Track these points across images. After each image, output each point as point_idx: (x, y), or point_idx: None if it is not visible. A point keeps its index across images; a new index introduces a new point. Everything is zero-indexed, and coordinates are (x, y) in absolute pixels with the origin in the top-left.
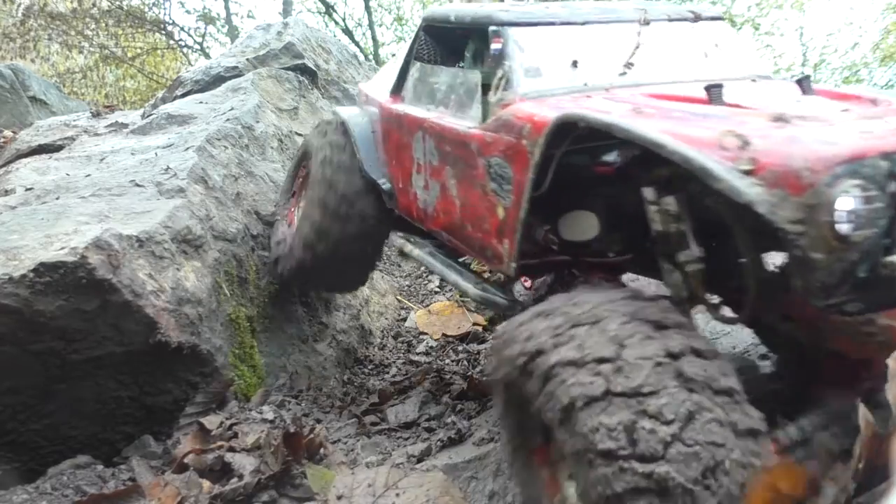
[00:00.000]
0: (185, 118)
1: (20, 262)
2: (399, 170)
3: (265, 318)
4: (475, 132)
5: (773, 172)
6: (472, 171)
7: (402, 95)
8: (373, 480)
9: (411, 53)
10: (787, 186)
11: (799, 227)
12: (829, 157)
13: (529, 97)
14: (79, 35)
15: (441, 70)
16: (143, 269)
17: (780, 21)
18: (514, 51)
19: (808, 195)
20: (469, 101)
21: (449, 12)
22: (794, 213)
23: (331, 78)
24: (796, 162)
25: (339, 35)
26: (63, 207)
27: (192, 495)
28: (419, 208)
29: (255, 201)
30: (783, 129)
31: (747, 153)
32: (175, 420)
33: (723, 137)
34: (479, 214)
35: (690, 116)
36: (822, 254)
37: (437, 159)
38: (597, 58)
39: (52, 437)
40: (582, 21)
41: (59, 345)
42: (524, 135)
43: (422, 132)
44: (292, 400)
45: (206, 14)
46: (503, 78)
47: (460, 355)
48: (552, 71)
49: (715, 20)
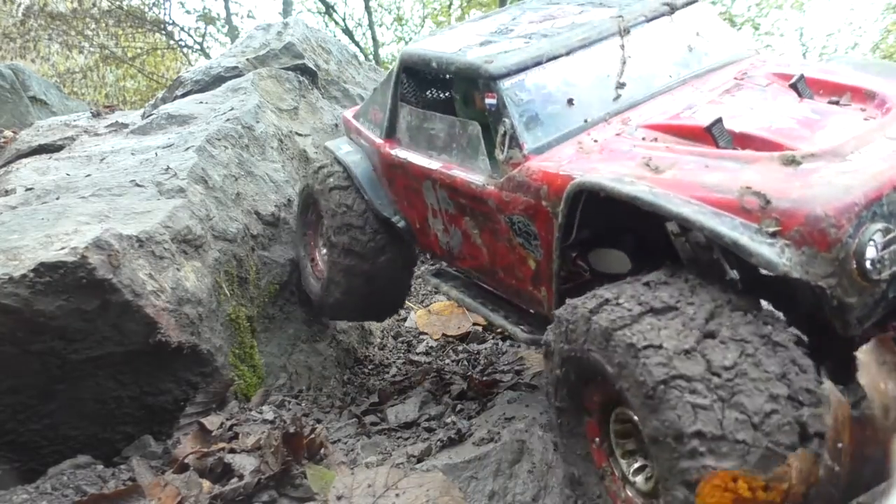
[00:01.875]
0: (185, 118)
1: (20, 261)
2: (412, 211)
3: (265, 318)
4: (491, 190)
5: (799, 231)
6: (495, 226)
7: (397, 138)
8: (373, 480)
9: (396, 96)
10: (815, 244)
11: (832, 281)
12: (849, 207)
13: (536, 152)
14: (79, 35)
15: (436, 117)
16: (143, 269)
17: (780, 21)
18: (510, 105)
19: (836, 250)
20: (474, 153)
21: (429, 57)
22: (825, 268)
23: (331, 78)
24: (819, 217)
25: (339, 35)
26: (63, 207)
27: (192, 495)
28: (442, 248)
29: (255, 201)
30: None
31: (770, 213)
32: (175, 420)
33: (742, 196)
34: (509, 263)
35: (704, 169)
36: (856, 297)
37: (453, 208)
38: (589, 86)
39: (52, 437)
40: (566, 51)
41: (59, 345)
42: (543, 196)
43: (431, 182)
44: (292, 400)
45: (206, 14)
46: (506, 134)
47: (460, 355)
48: (551, 116)
49: (690, 4)
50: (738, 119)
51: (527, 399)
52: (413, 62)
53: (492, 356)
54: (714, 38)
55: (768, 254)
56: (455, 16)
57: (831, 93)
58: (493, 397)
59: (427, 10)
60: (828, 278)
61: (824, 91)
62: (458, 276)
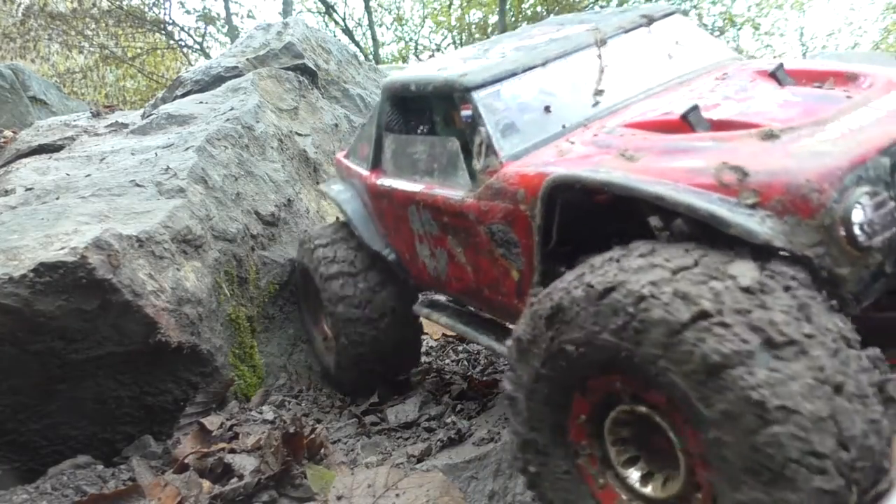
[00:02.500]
0: (185, 118)
1: (20, 262)
2: (401, 241)
3: (265, 318)
4: (469, 202)
5: (780, 201)
6: (476, 239)
7: (382, 168)
8: (373, 480)
9: (381, 126)
10: (798, 212)
11: (819, 250)
12: (832, 171)
13: (513, 158)
14: (79, 35)
15: (417, 140)
16: (143, 269)
17: (780, 21)
18: (486, 115)
19: (820, 216)
20: (454, 170)
21: (408, 81)
22: (811, 237)
23: (331, 78)
24: (801, 184)
25: (339, 35)
26: (63, 207)
27: (192, 495)
28: (430, 276)
29: (255, 201)
30: (777, 149)
31: (748, 185)
32: (175, 420)
33: (719, 172)
34: (493, 278)
35: (680, 152)
36: (848, 268)
37: (436, 230)
38: (567, 94)
39: (52, 437)
40: (542, 62)
41: (59, 345)
42: (520, 200)
43: (415, 206)
44: (292, 400)
45: (206, 14)
46: (482, 144)
47: (460, 355)
48: (528, 123)
49: (668, 16)
50: (717, 108)
51: None
52: (395, 89)
53: (492, 356)
54: (694, 47)
55: (747, 223)
56: (455, 16)
57: (813, 80)
58: (493, 397)
59: (427, 10)
60: (815, 247)
61: (806, 80)
62: (449, 306)
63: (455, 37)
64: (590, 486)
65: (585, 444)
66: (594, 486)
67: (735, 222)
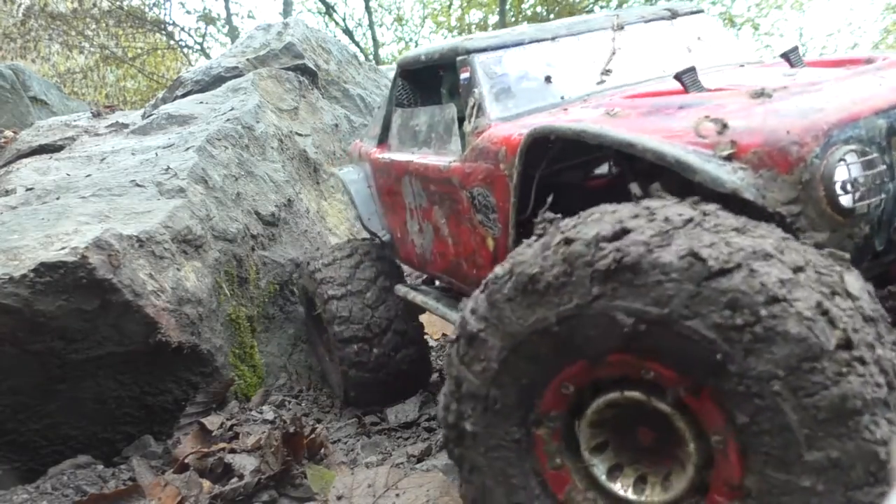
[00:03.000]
0: (185, 118)
1: (20, 261)
2: (395, 219)
3: (265, 318)
4: (455, 165)
5: (757, 153)
6: (458, 206)
7: (388, 143)
8: (373, 480)
9: (391, 101)
10: (775, 165)
11: (794, 208)
12: (817, 125)
13: (503, 120)
14: (79, 35)
15: (420, 111)
16: (143, 269)
17: (780, 21)
18: (482, 77)
19: (798, 171)
20: (448, 136)
21: (419, 52)
22: (787, 193)
23: (331, 78)
24: (780, 137)
25: (339, 35)
26: (63, 207)
27: (193, 495)
28: (418, 255)
29: (255, 201)
30: (764, 105)
31: (726, 137)
32: (175, 420)
33: (699, 124)
34: (471, 249)
35: (666, 109)
36: (827, 232)
37: (425, 200)
38: (573, 70)
39: (52, 437)
40: (552, 36)
41: (59, 345)
42: (500, 158)
43: (408, 176)
44: (292, 400)
45: (207, 14)
46: (475, 106)
47: None
48: (525, 91)
49: (694, 14)
50: (717, 80)
51: None
52: (406, 62)
53: None
54: (716, 45)
55: (715, 171)
56: (455, 16)
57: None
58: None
59: (427, 11)
60: (789, 205)
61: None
62: (430, 290)
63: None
64: (540, 464)
65: (556, 416)
66: (546, 464)
67: (701, 169)
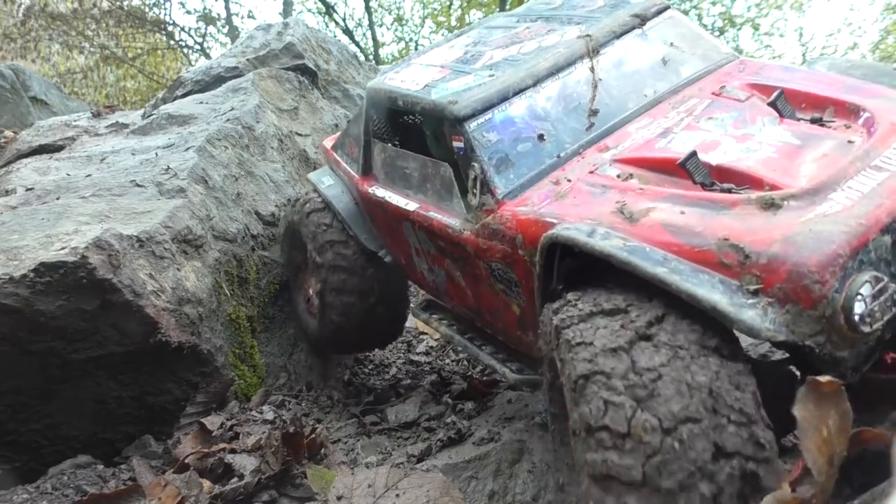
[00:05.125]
0: (185, 118)
1: (21, 261)
2: (397, 248)
3: (265, 318)
4: (468, 236)
5: (782, 289)
6: (476, 271)
7: (373, 175)
8: (373, 480)
9: (369, 133)
10: (799, 301)
11: (820, 339)
12: (834, 259)
13: (509, 196)
14: (79, 35)
15: (408, 156)
16: (143, 269)
17: (779, 21)
18: (479, 148)
19: (821, 307)
20: (448, 196)
21: (395, 95)
22: (813, 327)
23: (331, 78)
24: (803, 274)
25: (339, 35)
26: (63, 207)
27: (193, 495)
28: (429, 285)
29: (255, 201)
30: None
31: (749, 268)
32: (175, 420)
33: (720, 251)
34: (494, 307)
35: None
36: (847, 350)
37: (433, 250)
38: (560, 117)
39: (53, 436)
40: (533, 81)
41: (59, 345)
42: (518, 245)
43: (409, 223)
44: (292, 400)
45: (207, 14)
46: (476, 179)
47: (460, 355)
48: (521, 156)
49: (660, 13)
50: (715, 151)
51: (527, 399)
52: (379, 99)
53: None
54: (689, 48)
55: (750, 320)
56: (455, 16)
57: (813, 107)
58: (493, 397)
59: (427, 11)
60: (815, 336)
61: (806, 105)
62: (448, 309)
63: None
64: None
65: None
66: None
67: (738, 319)
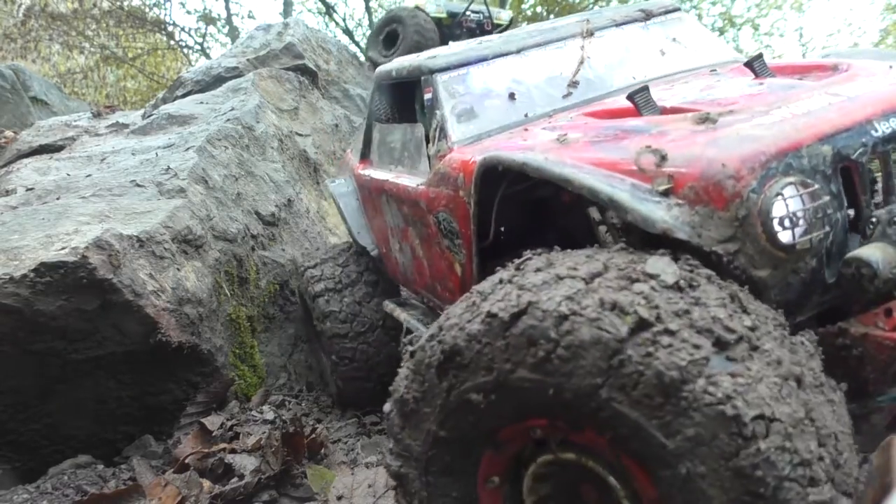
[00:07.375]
0: (185, 118)
1: (21, 261)
2: (380, 235)
3: (265, 318)
4: (421, 189)
5: (693, 188)
6: (428, 230)
7: (370, 159)
8: (373, 480)
9: (371, 116)
10: (711, 201)
11: (731, 246)
12: (753, 157)
13: (464, 143)
14: (80, 35)
15: (395, 128)
16: (143, 269)
17: (779, 21)
18: (444, 98)
19: (734, 207)
20: (418, 157)
21: (391, 68)
22: (723, 231)
23: (331, 78)
24: (716, 170)
25: (339, 35)
26: (64, 207)
27: (193, 495)
28: (401, 272)
29: (255, 201)
30: (707, 133)
31: (665, 170)
32: (176, 420)
33: (639, 156)
34: (442, 273)
35: (614, 135)
36: (768, 269)
37: (401, 221)
38: (538, 84)
39: (53, 436)
40: (517, 49)
41: (59, 345)
42: (460, 185)
43: (385, 195)
44: (292, 400)
45: (207, 14)
46: (437, 128)
47: None
48: (488, 110)
49: (669, 13)
50: (674, 96)
51: None
52: (381, 77)
53: None
54: (692, 46)
55: (647, 210)
56: None
57: (796, 73)
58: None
59: None
60: (726, 243)
61: (790, 73)
62: (416, 305)
63: None
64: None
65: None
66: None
67: (632, 208)
